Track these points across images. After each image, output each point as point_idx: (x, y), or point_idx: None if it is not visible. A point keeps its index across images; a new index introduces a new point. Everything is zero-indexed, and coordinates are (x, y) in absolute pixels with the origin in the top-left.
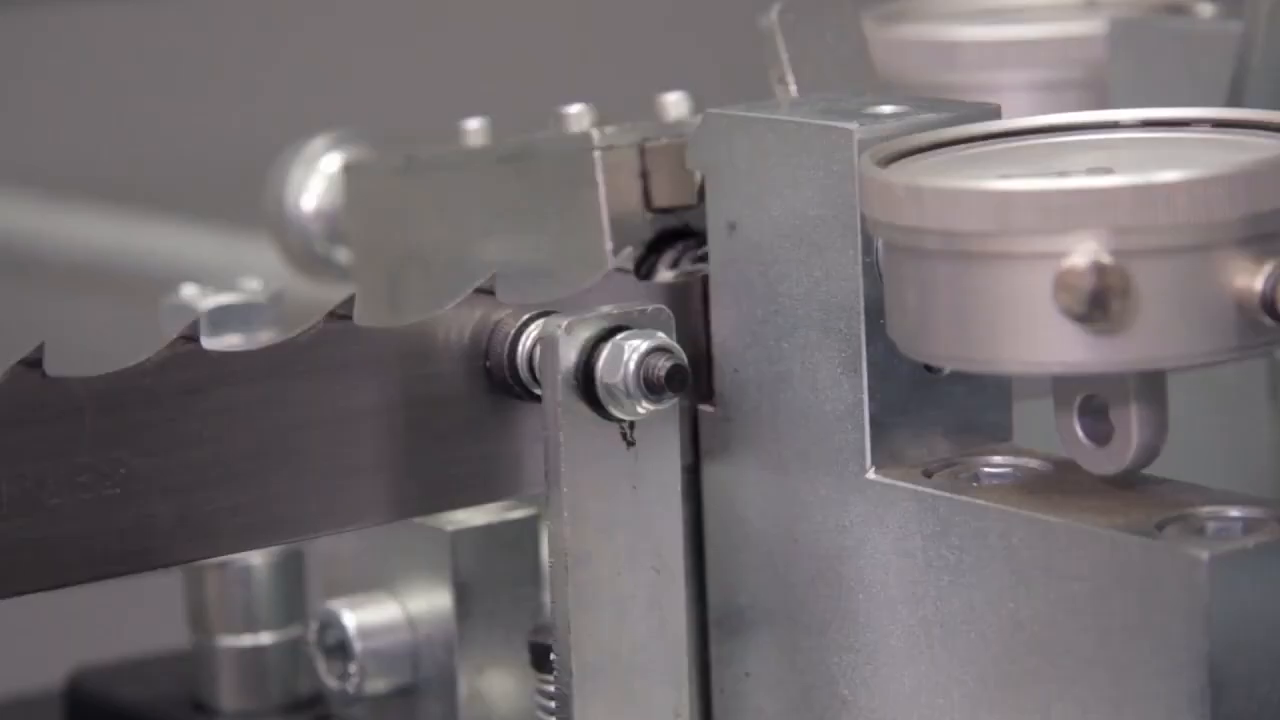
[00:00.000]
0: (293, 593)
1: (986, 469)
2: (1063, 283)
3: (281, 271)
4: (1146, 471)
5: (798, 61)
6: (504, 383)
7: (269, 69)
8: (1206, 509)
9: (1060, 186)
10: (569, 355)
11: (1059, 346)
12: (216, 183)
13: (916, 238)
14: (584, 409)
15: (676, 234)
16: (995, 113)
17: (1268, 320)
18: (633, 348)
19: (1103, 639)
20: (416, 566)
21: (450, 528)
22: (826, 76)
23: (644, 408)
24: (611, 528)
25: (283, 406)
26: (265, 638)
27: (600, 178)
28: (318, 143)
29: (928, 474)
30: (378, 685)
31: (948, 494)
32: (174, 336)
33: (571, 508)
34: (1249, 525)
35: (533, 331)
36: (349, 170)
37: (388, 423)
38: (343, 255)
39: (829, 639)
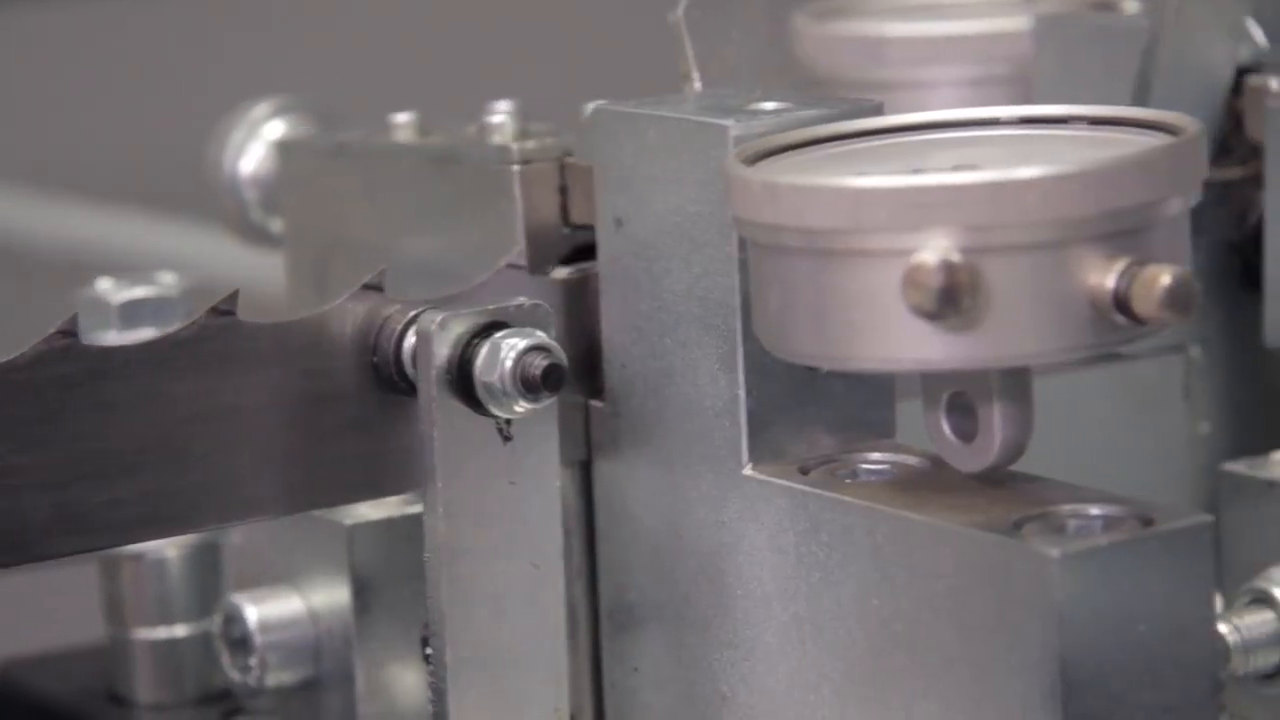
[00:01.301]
0: (207, 585)
1: (864, 465)
2: (911, 280)
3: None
4: (1022, 468)
5: (704, 58)
6: (390, 379)
7: (222, 63)
8: (1068, 507)
9: (911, 184)
10: (443, 351)
11: (914, 343)
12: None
13: (775, 235)
14: (459, 405)
15: (593, 249)
16: (876, 110)
17: (1120, 318)
18: (510, 346)
19: (963, 637)
20: (317, 560)
21: (348, 521)
22: (733, 73)
23: (521, 406)
24: (488, 523)
25: (163, 402)
26: (180, 630)
27: (518, 192)
28: (260, 109)
29: (804, 471)
30: (279, 678)
31: (818, 491)
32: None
33: (446, 502)
34: (1108, 523)
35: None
36: (283, 147)
37: (273, 418)
38: (277, 225)
39: (710, 635)
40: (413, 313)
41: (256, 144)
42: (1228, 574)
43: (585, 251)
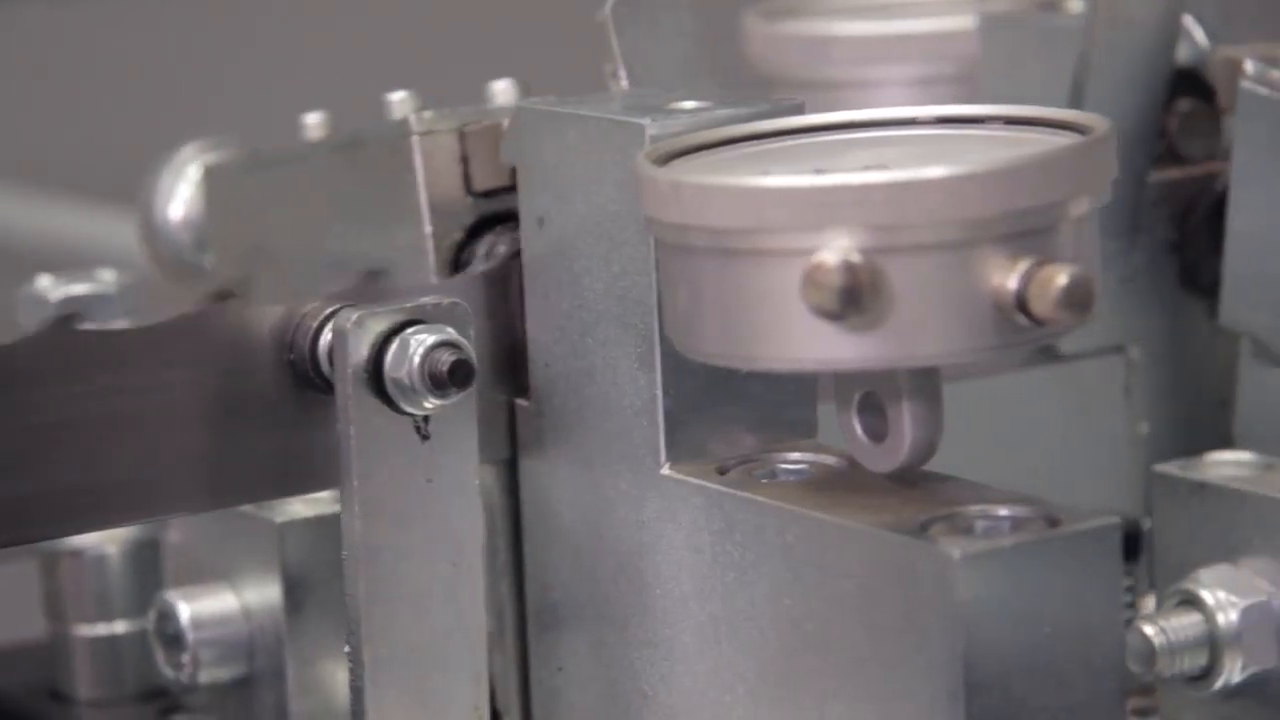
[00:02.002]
0: (147, 582)
1: (783, 465)
2: (811, 280)
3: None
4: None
5: (631, 56)
6: (307, 376)
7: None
8: (976, 508)
9: (812, 184)
10: (360, 349)
11: (817, 344)
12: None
13: (682, 235)
14: (376, 403)
15: (498, 218)
16: (796, 110)
17: (1022, 318)
18: (419, 342)
19: (871, 637)
20: (249, 558)
21: (280, 519)
22: (661, 71)
23: (431, 402)
24: (406, 521)
25: (77, 399)
26: (120, 626)
27: (418, 163)
28: (186, 151)
29: (722, 471)
30: (213, 675)
31: (732, 491)
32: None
33: (363, 501)
34: (1015, 524)
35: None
36: (207, 172)
37: (189, 415)
38: (210, 262)
39: (631, 634)
40: (328, 310)
41: (184, 186)
42: (1160, 575)
43: (492, 221)
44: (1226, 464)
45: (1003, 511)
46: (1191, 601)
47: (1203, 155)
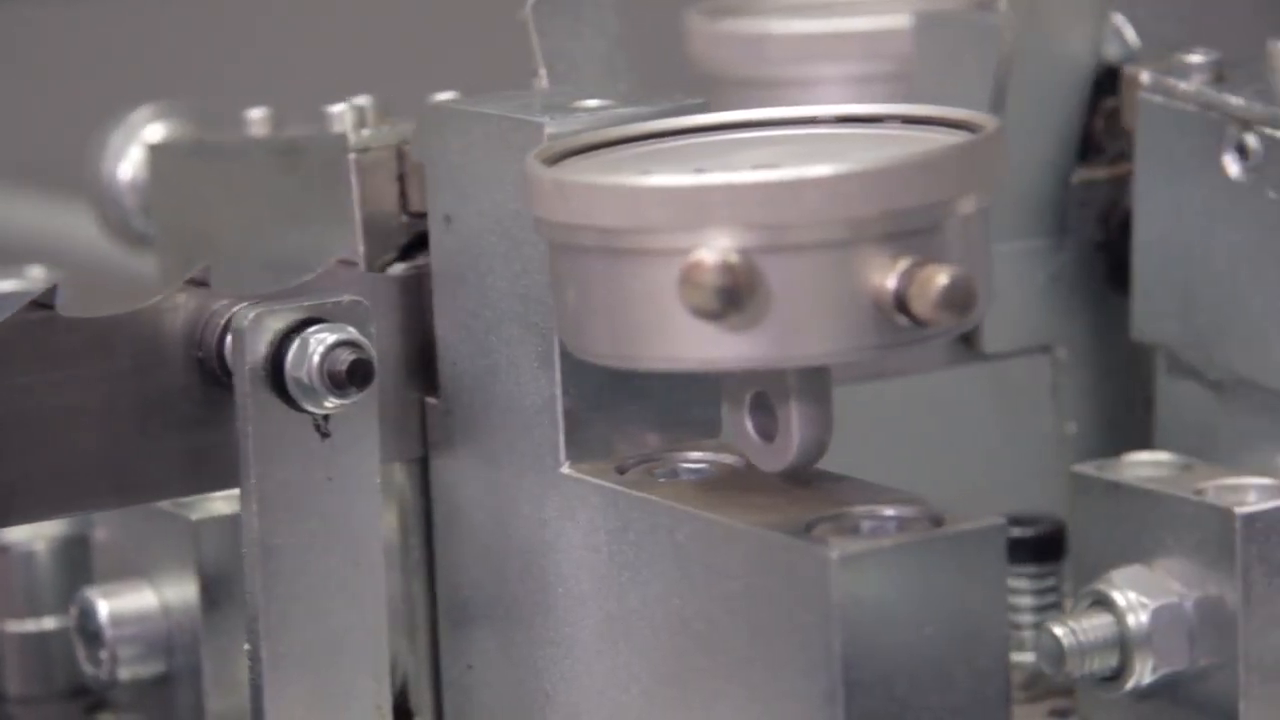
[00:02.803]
0: (76, 578)
1: (684, 465)
2: (688, 279)
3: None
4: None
5: (552, 55)
6: (214, 374)
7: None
8: (864, 508)
9: (691, 183)
10: (258, 346)
11: (699, 344)
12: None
13: (567, 234)
14: (274, 400)
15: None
16: (701, 109)
17: (903, 319)
18: (319, 340)
19: (756, 637)
20: (167, 555)
21: (195, 516)
22: (582, 70)
23: (331, 402)
24: (305, 519)
25: None
26: (49, 623)
27: (354, 179)
28: (139, 114)
29: (622, 470)
30: (131, 672)
31: (626, 490)
32: None
33: (261, 499)
34: (901, 524)
35: None
36: (154, 150)
37: (95, 413)
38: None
39: (535, 633)
40: (236, 308)
41: (135, 148)
42: (1077, 576)
43: (421, 242)
44: (1144, 464)
45: (889, 512)
46: (1103, 602)
47: (1130, 154)
